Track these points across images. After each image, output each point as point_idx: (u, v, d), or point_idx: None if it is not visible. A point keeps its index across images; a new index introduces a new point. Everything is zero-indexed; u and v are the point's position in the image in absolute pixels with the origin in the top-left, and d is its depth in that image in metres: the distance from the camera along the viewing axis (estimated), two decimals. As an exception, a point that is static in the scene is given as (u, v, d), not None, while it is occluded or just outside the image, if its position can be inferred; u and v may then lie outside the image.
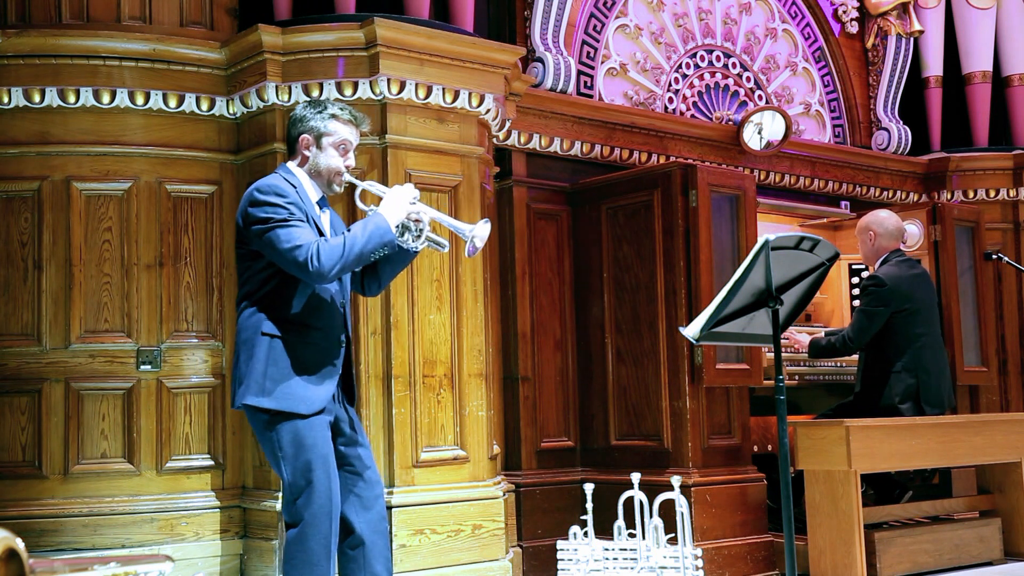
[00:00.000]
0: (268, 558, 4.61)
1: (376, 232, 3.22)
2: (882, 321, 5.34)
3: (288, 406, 3.18)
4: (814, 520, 4.95)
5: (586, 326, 5.73)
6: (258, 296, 3.27)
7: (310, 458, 3.18)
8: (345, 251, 3.16)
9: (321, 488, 3.18)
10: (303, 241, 3.14)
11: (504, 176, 5.63)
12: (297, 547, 3.19)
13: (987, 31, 7.65)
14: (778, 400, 3.54)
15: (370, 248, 3.21)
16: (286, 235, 3.16)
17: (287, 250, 3.14)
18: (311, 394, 3.21)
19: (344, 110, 3.41)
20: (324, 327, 3.29)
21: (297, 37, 4.71)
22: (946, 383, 5.48)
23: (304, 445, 3.18)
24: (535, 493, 5.47)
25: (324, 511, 3.19)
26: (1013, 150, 7.52)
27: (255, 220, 3.21)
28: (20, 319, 4.73)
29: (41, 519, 4.58)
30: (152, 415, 4.75)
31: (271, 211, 3.19)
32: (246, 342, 3.24)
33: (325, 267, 3.13)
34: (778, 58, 7.01)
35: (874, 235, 5.56)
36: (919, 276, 5.52)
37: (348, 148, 3.40)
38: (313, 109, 3.40)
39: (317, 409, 3.21)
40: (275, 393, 3.18)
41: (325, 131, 3.36)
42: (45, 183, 4.77)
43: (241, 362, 3.25)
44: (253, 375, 3.20)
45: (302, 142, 3.39)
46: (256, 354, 3.21)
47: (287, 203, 3.21)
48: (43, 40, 4.73)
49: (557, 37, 5.85)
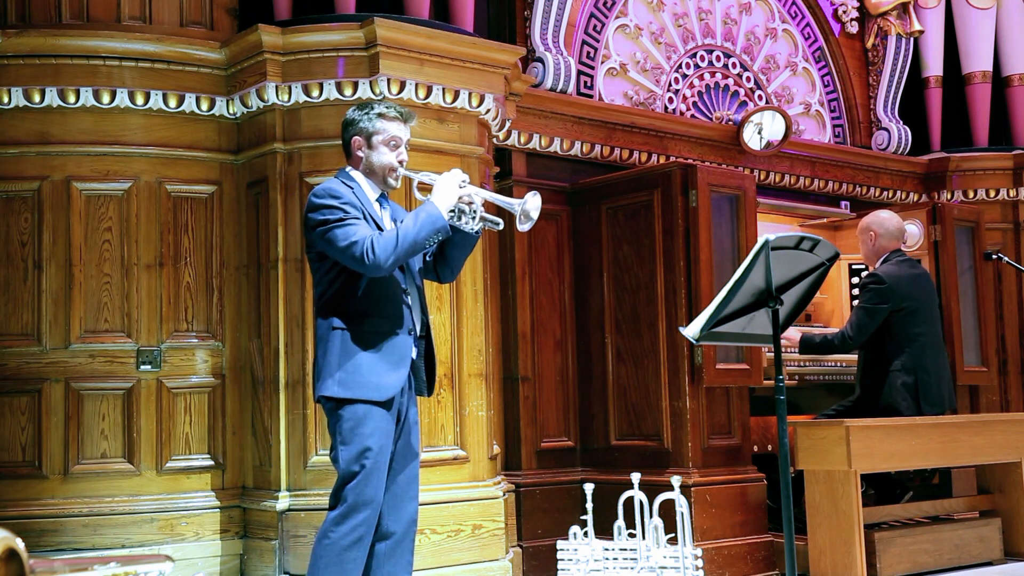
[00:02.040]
0: (268, 558, 4.61)
1: (428, 220, 3.31)
2: (881, 318, 5.33)
3: (360, 394, 3.30)
4: (814, 520, 4.95)
5: (586, 326, 5.72)
6: (328, 295, 3.40)
7: (367, 446, 3.27)
8: (399, 242, 3.27)
9: (372, 478, 3.27)
10: (358, 237, 3.27)
11: (504, 176, 5.63)
12: (331, 527, 3.27)
13: (987, 31, 7.65)
14: (778, 400, 3.53)
15: (423, 236, 3.30)
16: (343, 233, 3.28)
17: (344, 247, 3.27)
18: (382, 381, 3.32)
19: (391, 108, 3.51)
20: (391, 316, 3.38)
21: (297, 37, 4.71)
22: (946, 383, 5.47)
23: (363, 433, 3.28)
24: (535, 493, 5.47)
25: (368, 501, 3.27)
26: (1013, 150, 7.52)
27: (315, 224, 3.34)
28: (20, 319, 4.73)
29: (41, 519, 4.58)
30: (152, 415, 4.75)
31: (327, 213, 3.32)
32: (321, 338, 3.39)
33: (380, 259, 3.24)
34: (778, 58, 7.01)
35: (875, 235, 5.56)
36: (919, 276, 5.51)
37: (399, 143, 3.50)
38: (360, 111, 3.51)
39: (388, 396, 3.32)
40: (347, 382, 3.31)
41: (374, 130, 3.47)
42: (45, 183, 4.77)
43: (319, 357, 3.39)
44: (328, 368, 3.33)
45: (354, 144, 3.50)
46: (330, 348, 3.34)
47: (342, 203, 3.33)
48: (43, 40, 4.73)
49: (557, 37, 5.85)
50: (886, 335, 5.36)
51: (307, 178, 4.70)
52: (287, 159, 4.75)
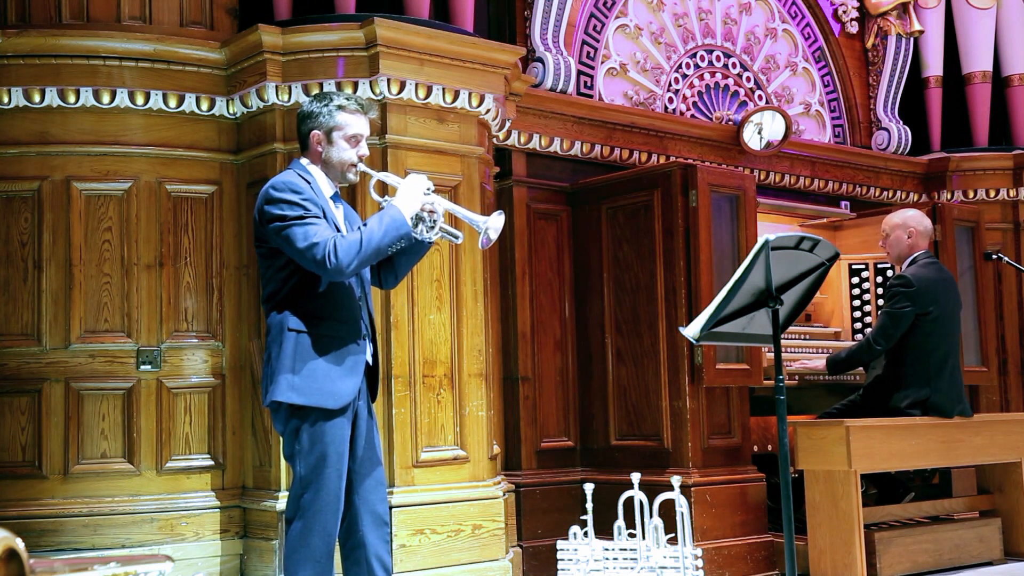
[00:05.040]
0: (268, 558, 4.61)
1: (392, 225, 3.22)
2: (908, 323, 5.20)
3: (315, 401, 3.20)
4: (814, 520, 4.95)
5: (586, 326, 5.72)
6: (282, 294, 3.29)
7: (325, 454, 3.21)
8: (362, 246, 3.18)
9: (330, 486, 3.21)
10: (320, 238, 3.16)
11: (504, 176, 5.63)
12: (299, 542, 3.21)
13: (987, 31, 7.65)
14: (778, 400, 3.53)
15: (387, 242, 3.22)
16: (303, 232, 3.17)
17: (304, 248, 3.16)
18: (338, 388, 3.23)
19: (351, 99, 3.41)
20: (347, 320, 3.31)
21: (297, 37, 4.71)
22: (958, 395, 5.34)
23: (321, 441, 3.21)
24: (535, 493, 5.47)
25: (329, 508, 3.21)
26: (1013, 150, 7.52)
27: (272, 218, 3.22)
28: (20, 319, 4.73)
29: (41, 519, 4.58)
30: (152, 415, 4.75)
31: (287, 208, 3.20)
32: (274, 339, 3.27)
33: (343, 263, 3.15)
34: (778, 58, 7.01)
35: (914, 232, 5.41)
36: (947, 281, 5.39)
37: (359, 139, 3.41)
38: (319, 103, 3.40)
39: (344, 403, 3.24)
40: (303, 388, 3.20)
41: (334, 125, 3.37)
42: (45, 183, 4.77)
43: (272, 359, 3.27)
44: (282, 371, 3.22)
45: (313, 138, 3.39)
46: (284, 350, 3.23)
47: (302, 200, 3.22)
48: (43, 40, 4.73)
49: (557, 37, 5.85)
50: (906, 339, 5.24)
51: (307, 178, 4.70)
52: (287, 159, 4.75)
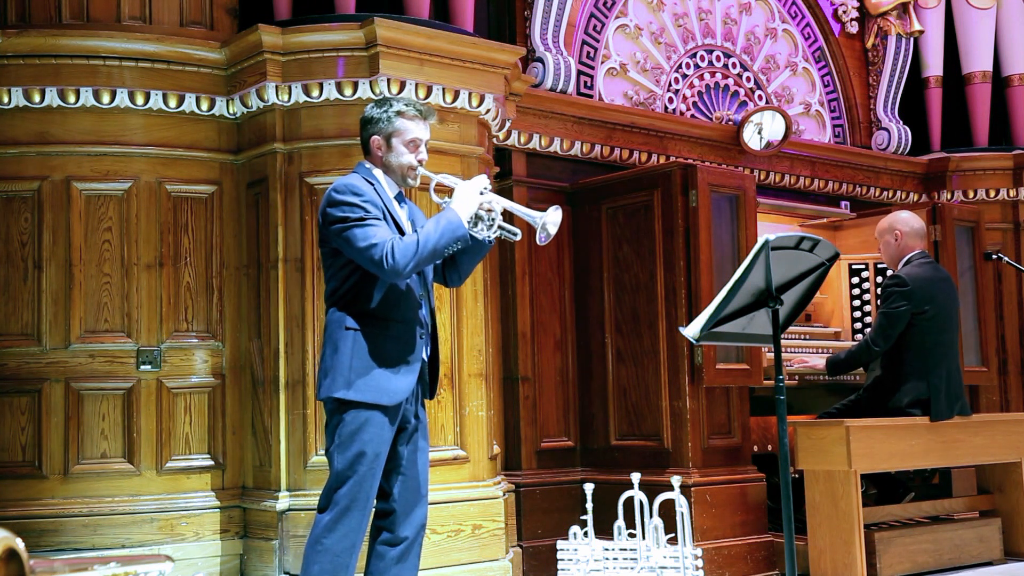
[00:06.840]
0: (268, 558, 4.61)
1: (448, 228, 3.28)
2: (905, 322, 5.19)
3: (369, 397, 3.26)
4: (814, 520, 4.95)
5: (586, 326, 5.72)
6: (341, 292, 3.35)
7: (363, 452, 3.25)
8: (419, 248, 3.24)
9: (364, 484, 3.25)
10: (378, 239, 3.22)
11: (504, 176, 5.63)
12: (323, 533, 3.26)
13: (987, 31, 7.65)
14: (778, 400, 3.53)
15: (443, 244, 3.28)
16: (362, 234, 3.24)
17: (363, 249, 3.23)
18: (392, 385, 3.29)
19: (410, 106, 3.45)
20: (404, 320, 3.36)
21: (297, 37, 4.71)
22: (957, 395, 5.32)
23: (361, 439, 3.26)
24: (535, 493, 5.47)
25: (359, 506, 3.26)
26: (1013, 150, 7.52)
27: (333, 219, 3.29)
28: (20, 319, 4.73)
29: (41, 519, 4.58)
30: (152, 415, 4.75)
31: (348, 210, 3.27)
32: (331, 336, 3.34)
33: (400, 264, 3.21)
34: (778, 58, 7.01)
35: (900, 234, 5.42)
36: (944, 281, 5.38)
37: (418, 144, 3.45)
38: (379, 108, 3.45)
39: (397, 400, 3.30)
40: (358, 385, 3.26)
41: (393, 130, 3.42)
42: (45, 183, 4.77)
43: (327, 356, 3.34)
44: (339, 368, 3.28)
45: (373, 143, 3.46)
46: (340, 348, 3.30)
47: (363, 201, 3.29)
48: (43, 40, 4.73)
49: (557, 37, 5.85)
50: (904, 338, 5.24)
51: (307, 178, 4.71)
52: (287, 159, 4.75)
